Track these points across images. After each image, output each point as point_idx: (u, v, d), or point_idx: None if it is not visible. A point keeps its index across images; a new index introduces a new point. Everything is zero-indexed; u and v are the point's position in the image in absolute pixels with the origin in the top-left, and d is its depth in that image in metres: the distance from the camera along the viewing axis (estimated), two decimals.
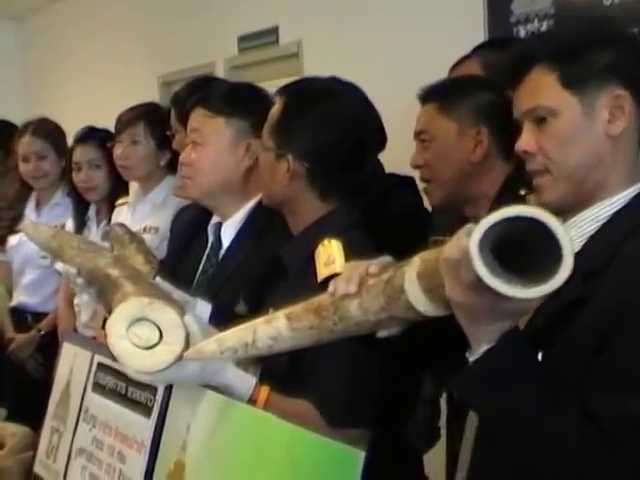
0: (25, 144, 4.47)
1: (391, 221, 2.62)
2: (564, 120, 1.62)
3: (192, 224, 2.79)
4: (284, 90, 2.35)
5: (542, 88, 1.63)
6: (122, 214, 3.88)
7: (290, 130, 2.25)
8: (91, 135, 4.24)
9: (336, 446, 1.44)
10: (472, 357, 1.47)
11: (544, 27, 3.84)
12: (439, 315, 1.47)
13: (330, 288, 1.58)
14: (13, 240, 4.51)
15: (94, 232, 4.07)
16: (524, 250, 1.33)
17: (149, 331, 1.78)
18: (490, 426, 1.66)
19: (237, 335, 1.68)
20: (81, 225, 4.24)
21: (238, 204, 2.57)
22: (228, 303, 2.33)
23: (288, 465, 1.53)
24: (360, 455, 1.38)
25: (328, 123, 2.25)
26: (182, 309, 1.90)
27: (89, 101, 7.58)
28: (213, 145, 2.54)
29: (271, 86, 2.84)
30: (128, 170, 3.87)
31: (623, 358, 1.50)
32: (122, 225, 2.82)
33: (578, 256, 1.58)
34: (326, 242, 2.08)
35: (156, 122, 3.80)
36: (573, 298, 1.57)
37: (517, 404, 1.49)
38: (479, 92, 2.66)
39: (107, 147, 3.99)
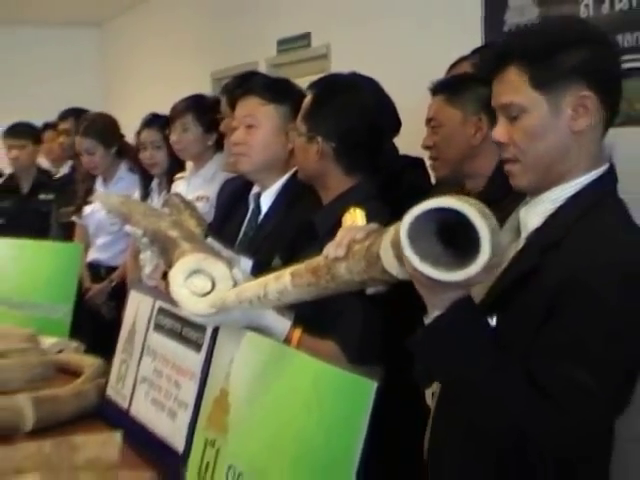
0: (77, 143, 4.52)
1: (403, 193, 2.61)
2: (533, 117, 1.57)
3: (235, 194, 2.81)
4: (314, 84, 2.35)
5: (515, 87, 1.58)
6: (180, 186, 3.91)
7: (319, 117, 2.25)
8: (154, 121, 4.26)
9: (353, 377, 1.44)
10: (427, 321, 1.45)
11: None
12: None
13: (324, 252, 1.57)
14: (87, 209, 4.54)
15: (156, 200, 4.10)
16: (464, 234, 1.30)
17: (203, 281, 1.83)
18: (443, 385, 1.65)
19: (252, 289, 1.70)
20: (146, 195, 4.27)
21: (276, 177, 2.58)
22: (266, 259, 2.34)
23: (313, 394, 1.52)
24: (373, 385, 1.37)
25: (350, 110, 2.25)
26: (230, 264, 1.92)
27: (154, 92, 7.59)
28: (265, 128, 2.55)
29: (303, 82, 2.85)
30: (181, 152, 3.92)
31: (569, 328, 1.44)
32: (178, 195, 2.82)
33: (538, 231, 1.58)
34: (351, 210, 2.08)
35: (202, 111, 3.86)
36: (529, 268, 1.53)
37: (464, 365, 1.45)
38: (480, 86, 2.71)
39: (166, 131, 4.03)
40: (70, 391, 2.50)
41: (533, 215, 1.61)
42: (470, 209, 1.28)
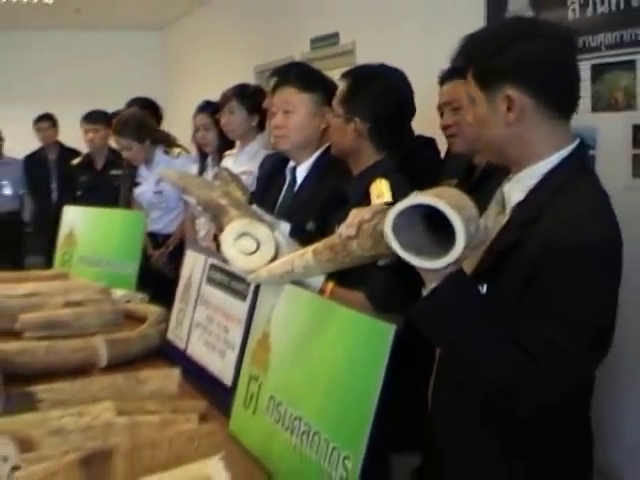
0: (114, 141, 4.55)
1: (418, 167, 2.59)
2: (478, 109, 1.55)
3: (273, 168, 2.80)
4: (349, 73, 2.32)
5: (469, 81, 1.57)
6: (228, 162, 3.91)
7: (355, 101, 2.22)
8: (205, 107, 4.28)
9: (375, 321, 1.43)
10: (424, 293, 1.43)
11: None
12: None
13: (338, 231, 1.58)
14: (136, 192, 4.64)
15: (210, 174, 4.10)
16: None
17: (249, 242, 1.87)
18: (441, 348, 1.64)
19: (281, 266, 1.73)
20: (202, 169, 4.29)
21: (310, 153, 2.57)
22: (301, 224, 2.33)
23: (341, 336, 1.52)
24: (393, 327, 1.36)
25: (382, 96, 2.23)
26: (271, 227, 1.93)
27: (205, 84, 7.59)
28: (300, 113, 2.53)
29: (332, 74, 2.84)
30: (230, 132, 3.93)
31: (547, 293, 1.41)
32: (227, 169, 2.82)
33: (520, 206, 1.53)
34: (378, 181, 2.08)
35: (245, 96, 3.90)
36: (512, 242, 1.49)
37: (458, 330, 1.44)
38: None
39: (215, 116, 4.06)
40: (137, 334, 2.52)
41: (515, 191, 1.57)
42: (445, 205, 1.29)
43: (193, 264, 2.55)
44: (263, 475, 1.63)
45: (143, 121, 4.56)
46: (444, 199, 1.31)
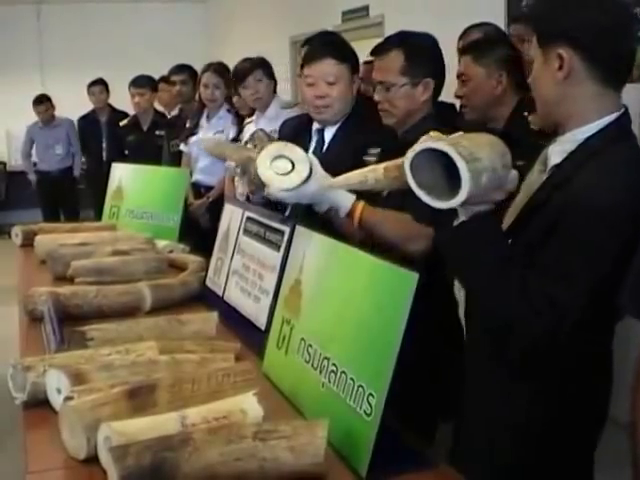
0: (207, 77, 4.43)
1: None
2: (535, 67, 1.54)
3: (294, 132, 2.73)
4: (397, 43, 2.19)
5: (533, 44, 1.55)
6: (250, 128, 3.87)
7: (419, 65, 2.16)
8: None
9: (398, 270, 1.41)
10: (454, 224, 1.46)
11: None
12: None
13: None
14: (193, 139, 4.53)
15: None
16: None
17: (284, 163, 1.86)
18: (455, 277, 1.67)
19: (356, 177, 1.72)
20: (240, 131, 4.25)
21: (340, 118, 2.53)
22: None
23: (367, 282, 1.50)
24: (415, 276, 1.34)
25: (438, 55, 2.23)
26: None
27: (244, 53, 7.54)
28: (342, 83, 2.50)
29: (362, 44, 2.82)
30: (258, 101, 3.92)
31: (557, 250, 1.40)
32: (262, 130, 2.82)
33: (557, 167, 1.51)
34: (431, 133, 2.05)
35: (267, 66, 3.93)
36: (540, 201, 1.48)
37: (474, 263, 1.45)
38: (501, 47, 2.71)
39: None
40: (178, 281, 2.53)
41: (556, 153, 1.54)
42: (454, 153, 1.30)
43: (231, 217, 2.54)
44: (293, 410, 1.63)
45: (229, 74, 4.52)
46: (461, 147, 1.31)
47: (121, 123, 5.86)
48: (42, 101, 7.50)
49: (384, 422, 1.35)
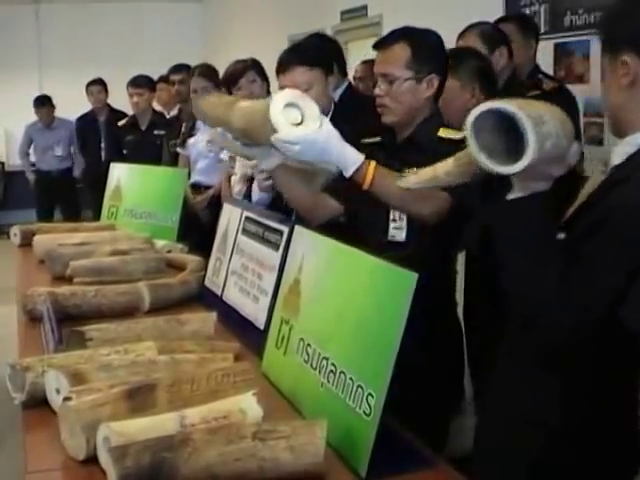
0: (194, 82, 4.40)
1: None
2: (604, 73, 1.50)
3: None
4: (406, 34, 2.12)
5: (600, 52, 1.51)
6: None
7: (424, 59, 2.07)
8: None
9: (398, 270, 1.41)
10: (508, 197, 1.42)
11: (542, 9, 3.83)
12: None
13: None
14: (191, 141, 4.51)
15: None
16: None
17: (295, 114, 1.77)
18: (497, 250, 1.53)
19: (427, 172, 1.62)
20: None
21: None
22: None
23: (367, 282, 1.50)
24: (414, 276, 1.34)
25: (443, 49, 2.16)
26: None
27: (243, 51, 7.53)
28: (315, 89, 2.46)
29: (360, 44, 2.80)
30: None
31: (597, 245, 1.35)
32: None
33: (616, 169, 1.46)
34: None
35: (260, 66, 3.81)
36: (595, 199, 1.45)
37: (519, 242, 1.41)
38: (474, 60, 2.61)
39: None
40: (177, 280, 2.53)
41: (617, 155, 1.50)
42: (520, 113, 1.24)
43: (229, 217, 2.53)
44: (292, 410, 1.63)
45: (217, 73, 4.49)
46: (526, 109, 1.26)
47: (119, 123, 5.84)
48: (44, 103, 7.51)
49: (383, 422, 1.35)
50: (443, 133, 2.02)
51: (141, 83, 5.52)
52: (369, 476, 1.35)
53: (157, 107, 5.92)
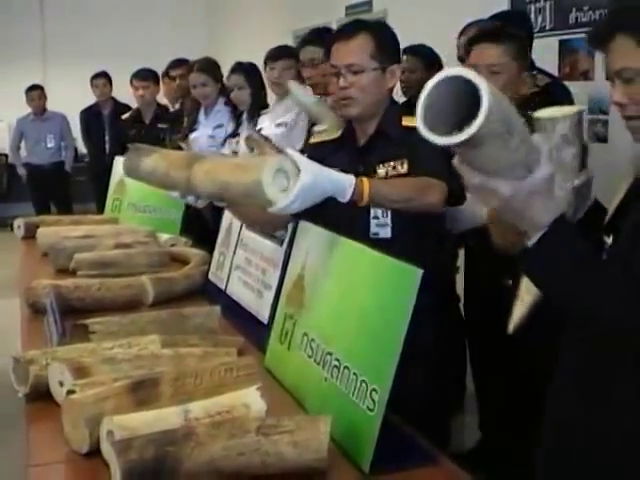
0: (193, 77, 4.38)
1: None
2: None
3: None
4: (366, 26, 2.05)
5: (625, 53, 1.33)
6: (265, 118, 3.83)
7: (386, 50, 2.00)
8: (238, 67, 4.13)
9: (403, 265, 1.40)
10: (530, 242, 1.24)
11: (547, 5, 3.78)
12: None
13: None
14: (192, 136, 4.50)
15: (246, 128, 4.02)
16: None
17: (280, 177, 1.55)
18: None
19: None
20: (237, 125, 4.19)
21: None
22: None
23: (371, 278, 1.50)
24: (419, 272, 1.34)
25: (394, 38, 2.07)
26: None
27: (248, 45, 7.53)
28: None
29: None
30: (276, 87, 3.78)
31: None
32: (255, 132, 2.80)
33: None
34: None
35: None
36: (634, 194, 1.35)
37: (566, 279, 1.26)
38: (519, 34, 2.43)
39: (251, 74, 3.92)
40: (180, 274, 2.52)
41: None
42: (475, 76, 1.06)
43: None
44: (296, 405, 1.63)
45: (218, 66, 4.45)
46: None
47: (123, 116, 5.83)
48: (33, 89, 7.55)
49: (387, 417, 1.34)
50: (407, 122, 1.95)
51: (146, 76, 5.51)
52: (372, 471, 1.35)
53: (163, 101, 5.90)
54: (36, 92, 7.54)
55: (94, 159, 7.27)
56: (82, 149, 7.96)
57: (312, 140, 2.14)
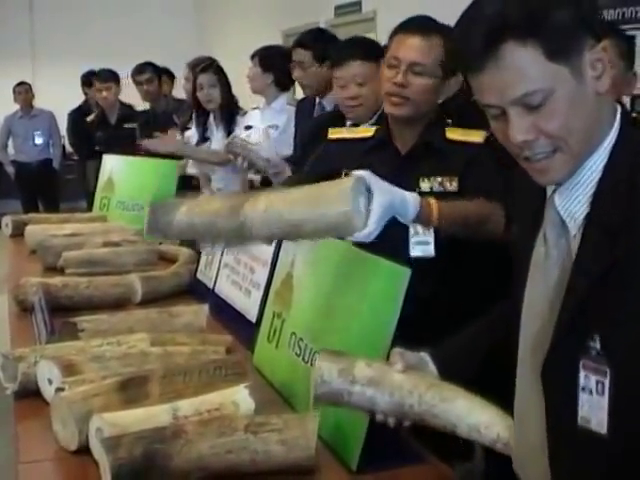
0: (201, 78, 4.20)
1: None
2: (561, 95, 0.96)
3: (316, 131, 2.49)
4: (440, 29, 1.90)
5: (526, 70, 0.95)
6: (255, 115, 3.77)
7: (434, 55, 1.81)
8: (210, 66, 4.00)
9: (391, 265, 1.41)
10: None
11: None
12: None
13: None
14: (187, 134, 4.44)
15: (215, 132, 3.91)
16: None
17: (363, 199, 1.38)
18: None
19: None
20: (204, 130, 3.96)
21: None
22: None
23: (358, 277, 1.50)
24: (407, 271, 1.34)
25: None
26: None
27: (236, 44, 7.53)
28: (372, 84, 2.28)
29: None
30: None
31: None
32: (239, 137, 2.79)
33: (593, 219, 1.00)
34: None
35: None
36: (607, 263, 0.96)
37: None
38: None
39: (221, 73, 3.83)
40: (169, 272, 2.52)
41: (575, 202, 1.02)
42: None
43: None
44: (284, 403, 1.63)
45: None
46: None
47: (88, 118, 5.71)
48: (20, 84, 7.53)
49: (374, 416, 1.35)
50: (451, 134, 1.83)
51: (107, 77, 5.37)
52: (360, 470, 1.35)
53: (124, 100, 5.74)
54: (23, 87, 7.53)
55: (83, 159, 7.22)
56: (70, 147, 7.91)
57: (331, 135, 2.02)
